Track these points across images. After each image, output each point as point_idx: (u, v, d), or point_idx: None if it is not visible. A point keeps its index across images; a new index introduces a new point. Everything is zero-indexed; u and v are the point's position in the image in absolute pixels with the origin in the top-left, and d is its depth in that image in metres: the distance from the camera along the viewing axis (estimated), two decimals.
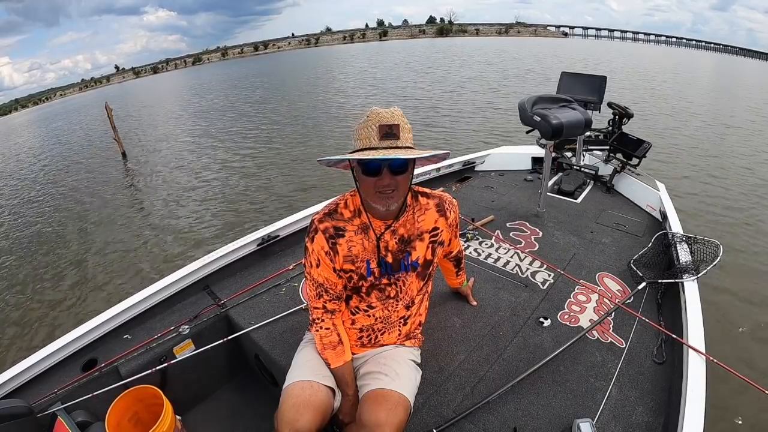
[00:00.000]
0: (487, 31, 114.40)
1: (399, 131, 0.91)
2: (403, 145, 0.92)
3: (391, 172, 0.93)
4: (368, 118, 0.93)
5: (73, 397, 1.26)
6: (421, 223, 1.11)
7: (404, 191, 0.99)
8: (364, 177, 0.95)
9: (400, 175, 0.95)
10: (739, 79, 19.95)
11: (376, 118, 0.91)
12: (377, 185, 0.94)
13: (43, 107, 58.55)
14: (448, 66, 22.13)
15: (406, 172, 0.96)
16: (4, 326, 3.44)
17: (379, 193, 0.95)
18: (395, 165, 0.93)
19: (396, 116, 0.92)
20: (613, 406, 1.18)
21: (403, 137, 0.92)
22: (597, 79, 2.85)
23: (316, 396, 1.03)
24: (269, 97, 16.58)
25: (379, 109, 0.93)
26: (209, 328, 1.59)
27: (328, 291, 1.09)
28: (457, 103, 11.21)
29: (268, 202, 5.54)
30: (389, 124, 0.91)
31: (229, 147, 8.81)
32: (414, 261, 1.11)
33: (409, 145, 0.93)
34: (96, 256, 4.50)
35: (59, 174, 8.74)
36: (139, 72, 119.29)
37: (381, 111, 0.92)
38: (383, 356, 1.17)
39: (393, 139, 0.91)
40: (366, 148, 0.92)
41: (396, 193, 0.96)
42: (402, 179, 0.96)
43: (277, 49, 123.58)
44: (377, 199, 0.97)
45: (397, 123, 0.91)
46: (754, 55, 66.63)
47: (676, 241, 1.86)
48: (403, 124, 0.93)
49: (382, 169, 0.92)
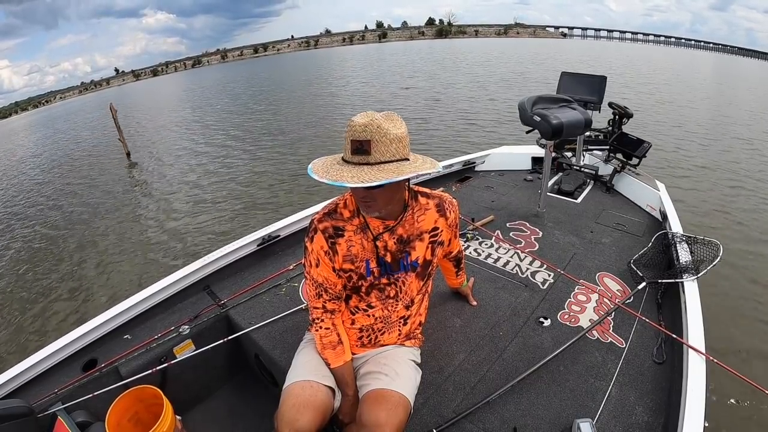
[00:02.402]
0: (486, 33, 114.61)
1: (370, 146, 0.87)
2: (375, 161, 0.88)
3: (365, 187, 0.90)
4: (347, 129, 0.90)
5: (73, 397, 1.26)
6: (420, 223, 1.11)
7: (385, 202, 0.97)
8: None
9: (374, 189, 0.92)
10: (741, 79, 19.95)
11: (351, 130, 0.88)
12: (356, 195, 0.96)
13: (41, 110, 58.69)
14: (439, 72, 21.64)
15: (381, 188, 0.92)
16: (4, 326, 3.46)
17: (361, 201, 0.97)
18: None
19: (370, 129, 0.86)
20: (613, 406, 1.18)
21: (378, 151, 0.87)
22: (597, 79, 2.85)
23: (316, 396, 1.03)
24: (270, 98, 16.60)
25: (357, 120, 0.88)
26: (209, 328, 1.59)
27: (328, 291, 1.09)
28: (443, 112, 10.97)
29: (272, 199, 5.58)
30: (359, 140, 0.87)
31: (238, 148, 8.87)
32: (413, 261, 1.11)
33: (385, 160, 0.88)
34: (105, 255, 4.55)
35: (65, 174, 8.84)
36: (138, 75, 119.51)
37: (357, 123, 0.88)
38: (383, 356, 1.17)
39: (363, 154, 0.87)
40: (342, 160, 0.92)
41: (375, 204, 0.96)
42: (378, 193, 0.94)
43: (277, 52, 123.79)
44: (363, 207, 0.99)
45: (368, 138, 0.86)
46: (754, 54, 66.68)
47: (676, 241, 1.86)
48: (377, 137, 0.87)
49: None
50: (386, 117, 0.90)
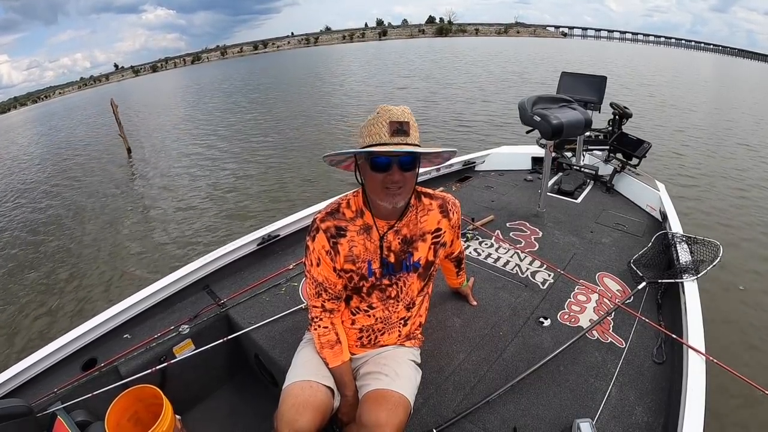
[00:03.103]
0: (486, 31, 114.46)
1: (409, 128, 0.92)
2: (413, 143, 0.93)
3: (401, 168, 0.94)
4: (378, 115, 0.93)
5: (72, 397, 1.26)
6: (423, 223, 1.11)
7: (411, 188, 1.01)
8: (372, 173, 0.95)
9: (409, 171, 0.96)
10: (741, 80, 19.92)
11: (386, 114, 0.92)
12: (386, 181, 0.95)
13: (39, 106, 58.55)
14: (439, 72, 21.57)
15: (414, 169, 0.97)
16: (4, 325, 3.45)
17: (386, 189, 0.96)
18: (404, 161, 0.94)
19: (406, 113, 0.93)
20: (613, 406, 1.18)
21: (413, 135, 0.93)
22: (597, 79, 2.85)
23: (315, 396, 1.02)
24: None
25: (389, 106, 0.93)
26: (209, 327, 1.59)
27: (328, 290, 1.08)
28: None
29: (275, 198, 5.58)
30: (400, 120, 0.91)
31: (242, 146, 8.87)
32: (416, 261, 1.11)
33: (417, 143, 0.94)
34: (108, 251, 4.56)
35: (67, 169, 8.85)
36: (138, 70, 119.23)
37: (391, 108, 0.93)
38: (383, 356, 1.17)
39: (403, 135, 0.92)
40: (376, 144, 0.92)
41: (403, 189, 0.97)
42: (410, 176, 0.97)
43: (277, 49, 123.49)
44: (384, 195, 0.97)
45: (407, 120, 0.92)
46: (754, 56, 66.70)
47: (676, 241, 1.87)
48: (412, 122, 0.93)
49: (391, 165, 0.93)
50: None
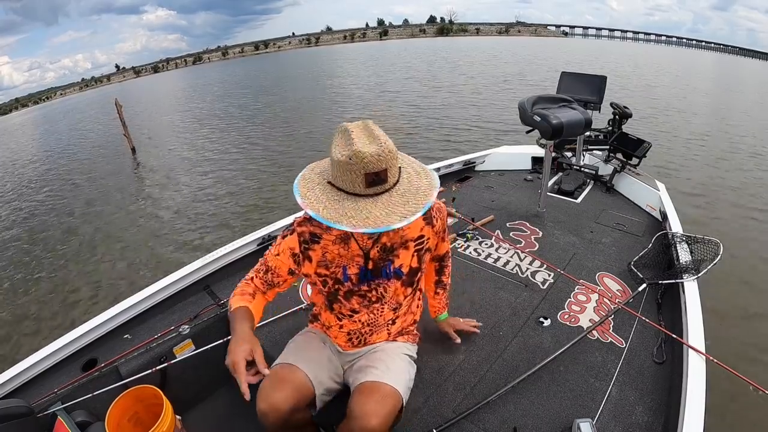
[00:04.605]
0: (487, 31, 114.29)
1: (386, 174, 0.82)
2: (390, 185, 0.84)
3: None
4: (351, 161, 0.79)
5: (73, 397, 1.26)
6: (405, 231, 1.07)
7: None
8: None
9: None
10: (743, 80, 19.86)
11: (360, 163, 0.79)
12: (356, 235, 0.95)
13: (41, 107, 58.66)
14: None
15: None
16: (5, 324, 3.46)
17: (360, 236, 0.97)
18: None
19: (385, 157, 0.79)
20: (613, 406, 1.18)
21: (391, 174, 0.83)
22: (597, 79, 2.85)
23: (293, 375, 1.05)
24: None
25: (365, 149, 0.79)
26: (209, 327, 1.59)
27: (268, 273, 1.09)
28: None
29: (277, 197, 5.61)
30: (376, 171, 0.80)
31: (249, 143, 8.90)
32: (397, 269, 1.08)
33: (395, 178, 0.85)
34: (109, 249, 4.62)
35: (73, 169, 8.91)
36: (139, 71, 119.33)
37: (366, 153, 0.78)
38: (377, 352, 1.16)
39: (381, 184, 0.82)
40: (350, 193, 0.83)
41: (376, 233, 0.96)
42: None
43: (278, 49, 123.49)
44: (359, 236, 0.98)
45: (384, 168, 0.80)
46: (755, 55, 66.58)
47: (676, 241, 1.86)
48: (391, 159, 0.81)
49: None
50: (375, 129, 0.84)
